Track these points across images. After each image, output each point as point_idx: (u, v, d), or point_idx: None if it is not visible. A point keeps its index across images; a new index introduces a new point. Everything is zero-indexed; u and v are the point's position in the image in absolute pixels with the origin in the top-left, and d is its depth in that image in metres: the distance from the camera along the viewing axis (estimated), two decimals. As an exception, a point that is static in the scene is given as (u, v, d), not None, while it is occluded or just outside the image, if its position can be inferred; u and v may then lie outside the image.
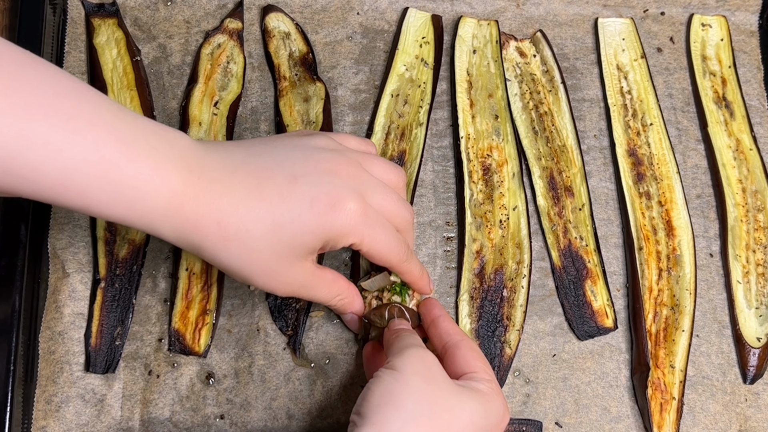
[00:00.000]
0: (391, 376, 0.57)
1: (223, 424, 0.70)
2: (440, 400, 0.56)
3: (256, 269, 0.59)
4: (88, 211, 0.53)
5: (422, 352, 0.59)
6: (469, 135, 0.79)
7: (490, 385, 0.59)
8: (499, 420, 0.58)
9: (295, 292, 0.63)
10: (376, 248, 0.63)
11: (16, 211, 0.72)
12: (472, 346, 0.63)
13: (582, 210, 0.77)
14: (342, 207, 0.59)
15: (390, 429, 0.53)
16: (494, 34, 0.83)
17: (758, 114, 0.83)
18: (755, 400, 0.74)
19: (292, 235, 0.58)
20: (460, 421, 0.55)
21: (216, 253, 0.57)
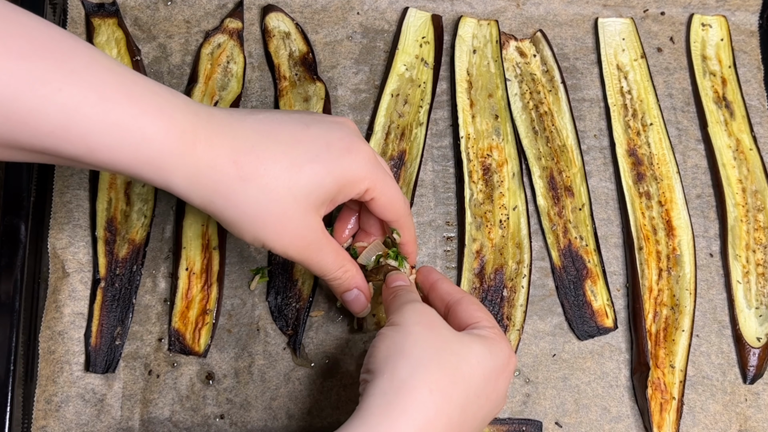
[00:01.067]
0: (394, 330, 0.57)
1: (223, 423, 0.70)
2: (445, 345, 0.56)
3: (272, 217, 0.57)
4: (92, 158, 0.50)
5: (420, 306, 0.59)
6: (469, 135, 0.79)
7: (492, 331, 0.60)
8: (505, 361, 0.58)
9: (304, 251, 0.60)
10: (388, 194, 0.63)
11: (16, 211, 0.72)
12: (472, 300, 0.63)
13: (582, 210, 0.77)
14: (357, 150, 0.60)
15: (400, 376, 0.53)
16: (494, 34, 0.83)
17: (758, 114, 0.83)
18: (755, 400, 0.74)
19: (311, 177, 0.57)
20: (468, 363, 0.56)
21: (232, 196, 0.55)
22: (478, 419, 0.57)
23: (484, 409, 0.57)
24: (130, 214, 0.75)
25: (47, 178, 0.75)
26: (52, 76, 0.47)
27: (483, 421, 0.58)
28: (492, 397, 0.57)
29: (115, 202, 0.75)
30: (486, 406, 0.57)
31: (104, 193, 0.75)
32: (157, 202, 0.76)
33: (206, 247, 0.74)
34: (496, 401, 0.58)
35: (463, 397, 0.54)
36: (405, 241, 0.68)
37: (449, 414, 0.53)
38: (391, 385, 0.53)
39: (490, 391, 0.57)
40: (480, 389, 0.56)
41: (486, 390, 0.56)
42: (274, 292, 0.74)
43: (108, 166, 0.52)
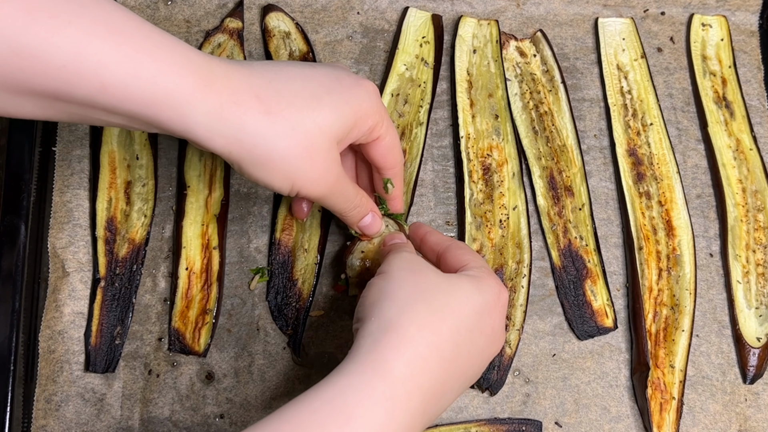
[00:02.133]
0: (380, 278, 0.57)
1: (222, 423, 0.70)
2: (431, 286, 0.56)
3: (303, 151, 0.56)
4: (105, 98, 0.48)
5: (406, 254, 0.60)
6: (469, 135, 0.79)
7: (480, 270, 0.60)
8: (495, 297, 0.59)
9: (333, 186, 0.60)
10: (392, 135, 0.64)
11: (16, 211, 0.72)
12: (460, 245, 0.64)
13: (582, 210, 0.77)
14: (365, 84, 0.61)
15: (387, 317, 0.53)
16: (494, 33, 0.83)
17: (758, 114, 0.83)
18: (755, 400, 0.74)
19: (331, 108, 0.57)
20: (456, 300, 0.56)
21: (261, 132, 0.53)
22: (474, 354, 0.57)
23: (478, 343, 0.57)
24: (130, 213, 0.75)
25: (47, 178, 0.75)
26: (59, 10, 0.46)
27: (480, 356, 0.58)
28: (486, 331, 0.57)
29: (115, 201, 0.75)
30: (480, 340, 0.57)
31: (104, 193, 0.75)
32: (157, 201, 0.76)
33: (206, 246, 0.74)
34: (491, 336, 0.58)
35: (454, 332, 0.54)
36: (396, 195, 0.69)
37: (440, 348, 0.53)
38: (379, 326, 0.53)
39: (484, 325, 0.57)
40: (472, 324, 0.56)
41: (479, 324, 0.57)
42: (274, 292, 0.74)
43: (122, 106, 0.49)
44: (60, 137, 0.77)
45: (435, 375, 0.53)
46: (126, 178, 0.76)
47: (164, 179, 0.77)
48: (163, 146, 0.78)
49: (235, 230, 0.76)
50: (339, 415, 0.47)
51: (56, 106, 0.50)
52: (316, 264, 0.74)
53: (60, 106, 0.50)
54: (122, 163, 0.76)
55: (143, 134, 0.77)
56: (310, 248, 0.75)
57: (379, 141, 0.63)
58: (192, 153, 0.77)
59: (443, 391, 0.54)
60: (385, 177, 0.68)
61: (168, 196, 0.77)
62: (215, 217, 0.75)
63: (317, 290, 0.74)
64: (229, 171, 0.77)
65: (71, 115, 0.52)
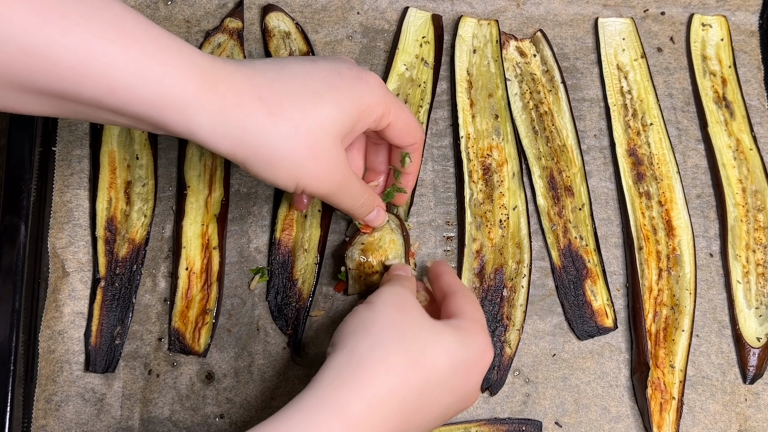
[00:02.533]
0: (365, 308, 0.57)
1: (222, 423, 0.70)
2: (412, 328, 0.55)
3: (306, 151, 0.56)
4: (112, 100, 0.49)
5: (399, 288, 0.59)
6: (469, 135, 0.79)
7: (472, 324, 0.59)
8: (478, 355, 0.57)
9: (340, 184, 0.60)
10: (404, 117, 0.63)
11: (16, 210, 0.72)
12: (466, 293, 0.63)
13: (582, 210, 0.77)
14: (367, 76, 0.61)
15: (359, 351, 0.53)
16: (494, 33, 0.83)
17: (758, 114, 0.83)
18: (755, 400, 0.74)
19: (333, 105, 0.57)
20: (434, 350, 0.55)
21: (264, 134, 0.54)
22: (437, 410, 0.56)
23: (446, 400, 0.56)
24: (130, 213, 0.75)
25: (47, 178, 0.75)
26: (69, 11, 0.46)
27: (444, 413, 0.57)
28: (459, 390, 0.56)
29: (115, 201, 0.75)
30: (449, 397, 0.56)
31: (104, 193, 0.75)
32: (157, 201, 0.76)
33: (206, 246, 0.74)
34: (463, 395, 0.57)
35: (423, 384, 0.53)
36: (412, 170, 0.70)
37: (403, 397, 0.52)
38: (349, 360, 0.52)
39: (458, 383, 0.56)
40: (444, 379, 0.55)
41: (451, 381, 0.55)
42: (274, 292, 0.74)
43: (129, 108, 0.50)
44: (60, 137, 0.77)
45: (393, 422, 0.52)
46: (126, 178, 0.76)
47: (164, 179, 0.77)
48: (163, 146, 0.78)
49: (235, 230, 0.76)
50: None
51: (63, 105, 0.50)
52: (316, 264, 0.74)
53: (67, 105, 0.50)
54: (122, 163, 0.76)
55: (143, 134, 0.77)
56: (310, 248, 0.75)
57: (391, 127, 0.63)
58: (192, 153, 0.77)
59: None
60: (404, 152, 0.68)
61: (168, 196, 0.77)
62: (215, 217, 0.75)
63: (317, 290, 0.74)
64: (229, 171, 0.77)
65: (77, 113, 0.52)
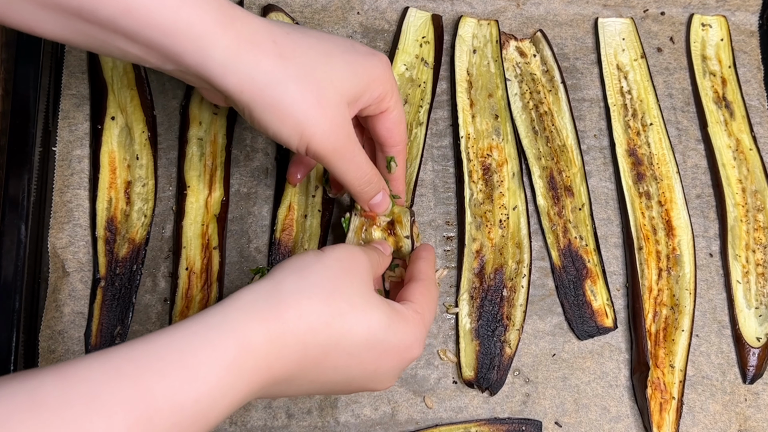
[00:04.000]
0: (314, 253, 0.55)
1: (222, 423, 0.70)
2: (346, 289, 0.53)
3: (313, 99, 0.56)
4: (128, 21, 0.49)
5: (358, 252, 0.57)
6: (469, 135, 0.79)
7: (413, 314, 0.57)
8: (402, 345, 0.55)
9: (344, 146, 0.59)
10: (400, 109, 0.64)
11: (16, 210, 0.72)
12: (428, 285, 0.61)
13: (582, 210, 0.78)
14: (379, 55, 0.62)
15: (284, 287, 0.50)
16: (494, 33, 0.83)
17: (758, 114, 0.83)
18: (755, 399, 0.74)
19: (345, 66, 0.58)
20: (356, 318, 0.52)
21: (274, 73, 0.54)
22: (337, 376, 0.53)
23: (351, 371, 0.53)
24: (130, 213, 0.75)
25: (47, 178, 0.75)
26: None
27: (345, 382, 0.54)
28: (368, 368, 0.54)
29: (115, 201, 0.75)
30: (354, 370, 0.53)
31: (104, 193, 0.75)
32: (157, 201, 0.76)
33: (206, 246, 0.74)
34: (371, 375, 0.55)
35: (331, 343, 0.51)
36: (398, 175, 0.69)
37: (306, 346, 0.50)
38: (270, 291, 0.50)
39: (367, 360, 0.53)
40: (355, 350, 0.52)
41: (362, 355, 0.53)
42: (274, 292, 0.74)
43: (142, 33, 0.50)
44: (60, 137, 0.77)
45: (288, 366, 0.50)
46: (126, 178, 0.76)
47: (164, 179, 0.77)
48: (163, 146, 0.78)
49: (235, 230, 0.76)
50: (181, 369, 0.44)
51: (77, 27, 0.50)
52: (316, 264, 0.74)
53: (81, 27, 0.50)
54: (122, 163, 0.76)
55: (143, 134, 0.77)
56: (310, 248, 0.75)
57: (387, 113, 0.64)
58: (192, 153, 0.77)
59: (290, 381, 0.51)
60: (389, 155, 0.68)
61: (168, 196, 0.77)
62: (215, 217, 0.75)
63: (317, 290, 0.74)
64: (229, 171, 0.77)
65: (89, 39, 0.52)
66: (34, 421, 0.39)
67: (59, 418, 0.39)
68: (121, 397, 0.41)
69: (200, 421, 0.44)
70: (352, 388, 0.56)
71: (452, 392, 0.72)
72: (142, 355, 0.44)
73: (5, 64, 0.80)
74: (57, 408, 0.40)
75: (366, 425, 0.71)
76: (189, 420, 0.44)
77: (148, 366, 0.43)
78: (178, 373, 0.44)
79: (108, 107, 0.77)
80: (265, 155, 0.79)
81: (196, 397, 0.44)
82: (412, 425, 0.71)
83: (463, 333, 0.73)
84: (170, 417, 0.43)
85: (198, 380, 0.44)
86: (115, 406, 0.41)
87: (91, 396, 0.41)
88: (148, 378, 0.43)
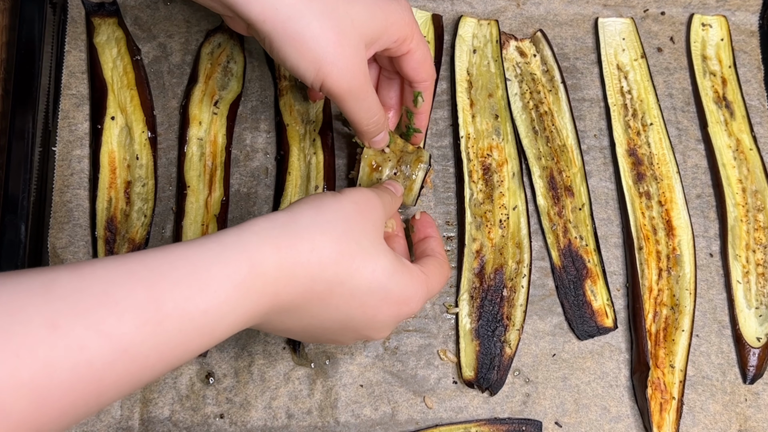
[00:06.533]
0: (332, 194, 0.56)
1: (222, 423, 0.70)
2: (358, 232, 0.53)
3: (333, 36, 0.57)
4: None
5: (373, 197, 0.58)
6: (469, 135, 0.79)
7: (419, 273, 0.57)
8: (403, 296, 0.56)
9: (361, 85, 0.61)
10: (424, 48, 0.65)
11: (16, 211, 0.71)
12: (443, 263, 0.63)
13: (582, 210, 0.77)
14: (401, 0, 0.63)
15: (300, 220, 0.51)
16: (494, 33, 0.83)
17: (758, 114, 0.83)
18: (755, 400, 0.74)
19: (365, 6, 0.59)
20: (363, 262, 0.53)
21: (297, 7, 0.56)
22: (337, 314, 0.54)
23: (351, 311, 0.54)
24: (130, 213, 0.75)
25: (47, 178, 0.75)
26: None
27: (342, 324, 0.55)
28: (367, 312, 0.55)
29: (115, 201, 0.75)
30: (354, 311, 0.54)
31: (104, 193, 0.75)
32: (156, 201, 0.76)
33: (206, 246, 0.74)
34: (368, 321, 0.55)
35: (336, 281, 0.52)
36: (424, 109, 0.71)
37: (314, 279, 0.51)
38: (286, 221, 0.51)
39: (368, 305, 0.54)
40: (358, 291, 0.53)
41: (364, 298, 0.54)
42: (274, 292, 0.74)
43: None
44: (60, 137, 0.77)
45: (294, 295, 0.50)
46: (126, 178, 0.76)
47: (164, 179, 0.77)
48: (163, 146, 0.78)
49: (235, 230, 0.76)
50: (194, 281, 0.45)
51: None
52: (316, 264, 0.74)
53: None
54: (122, 163, 0.76)
55: (143, 134, 0.77)
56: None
57: (411, 54, 0.65)
58: (192, 153, 0.77)
59: (292, 312, 0.52)
60: (416, 90, 0.69)
61: (168, 196, 0.77)
62: (215, 217, 0.75)
63: (317, 290, 0.74)
64: (229, 171, 0.77)
65: None
66: (48, 309, 0.40)
67: (72, 310, 0.40)
68: (133, 298, 0.42)
69: (205, 333, 0.45)
70: (349, 333, 0.57)
71: (452, 392, 0.72)
72: (158, 263, 0.45)
73: (5, 64, 0.80)
74: (70, 300, 0.41)
75: (366, 425, 0.71)
76: (195, 330, 0.45)
77: (162, 273, 0.44)
78: (190, 283, 0.45)
79: (108, 107, 0.77)
80: (265, 155, 0.79)
81: (204, 308, 0.45)
82: (412, 425, 0.71)
83: (463, 333, 0.73)
84: (178, 323, 0.44)
85: (208, 293, 0.45)
86: (127, 305, 0.42)
87: (105, 294, 0.42)
88: (161, 284, 0.44)
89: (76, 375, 0.39)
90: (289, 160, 0.77)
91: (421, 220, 0.71)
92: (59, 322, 0.39)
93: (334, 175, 0.77)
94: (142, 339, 0.42)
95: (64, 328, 0.39)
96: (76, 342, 0.39)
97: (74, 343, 0.39)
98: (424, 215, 0.71)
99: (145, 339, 0.42)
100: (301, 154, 0.77)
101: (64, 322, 0.40)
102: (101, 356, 0.40)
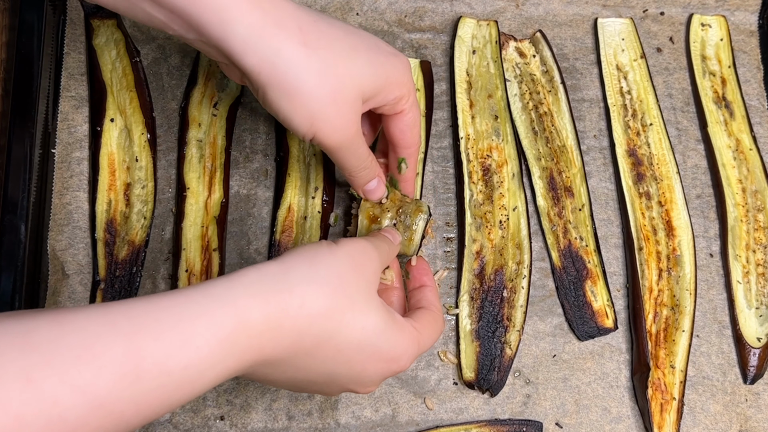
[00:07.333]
0: (328, 244, 0.55)
1: (223, 425, 0.70)
2: (352, 288, 0.52)
3: (329, 93, 0.56)
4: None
5: (371, 249, 0.57)
6: (469, 135, 0.79)
7: (411, 329, 0.56)
8: (392, 353, 0.54)
9: (352, 139, 0.60)
10: (416, 112, 0.64)
11: (16, 211, 0.71)
12: (437, 317, 0.61)
13: (582, 210, 0.77)
14: (401, 57, 0.62)
15: (293, 273, 0.50)
16: (494, 34, 0.82)
17: (758, 114, 0.83)
18: (755, 400, 0.74)
19: (366, 63, 0.58)
20: (354, 318, 0.52)
21: (295, 61, 0.54)
22: (323, 369, 0.53)
23: (338, 367, 0.53)
24: (129, 215, 0.75)
25: (47, 180, 0.75)
26: None
27: (328, 379, 0.54)
28: (354, 368, 0.54)
29: (115, 203, 0.75)
30: (341, 367, 0.53)
31: (104, 195, 0.75)
32: (156, 203, 0.76)
33: (206, 248, 0.74)
34: (355, 376, 0.54)
35: (325, 337, 0.51)
36: (408, 177, 0.70)
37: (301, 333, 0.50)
38: (277, 273, 0.50)
39: (356, 361, 0.53)
40: (347, 348, 0.52)
41: (351, 354, 0.53)
42: (274, 293, 0.73)
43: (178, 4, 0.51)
44: (59, 139, 0.77)
45: (281, 348, 0.49)
46: (125, 180, 0.76)
47: (164, 181, 0.77)
48: (163, 148, 0.78)
49: (235, 232, 0.76)
50: (176, 335, 0.44)
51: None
52: (316, 265, 0.74)
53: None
54: (122, 165, 0.76)
55: (143, 136, 0.77)
56: (310, 249, 0.74)
57: (402, 115, 0.64)
58: (191, 155, 0.77)
59: (278, 365, 0.51)
60: (400, 156, 0.68)
61: (167, 197, 0.77)
62: (215, 219, 0.75)
63: (317, 291, 0.74)
64: (228, 172, 0.77)
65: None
66: (24, 362, 0.39)
67: (48, 363, 0.40)
68: (112, 353, 0.42)
69: (185, 387, 0.45)
70: (334, 386, 0.56)
71: (453, 393, 0.72)
72: (140, 314, 0.44)
73: (5, 64, 0.80)
74: (48, 353, 0.40)
75: (366, 427, 0.71)
76: (174, 385, 0.44)
77: (143, 326, 0.44)
78: (172, 338, 0.44)
79: (107, 109, 0.77)
80: (265, 157, 0.79)
81: (185, 364, 0.44)
82: (413, 426, 0.71)
83: (464, 334, 0.73)
84: (157, 379, 0.43)
85: (190, 349, 0.44)
86: (106, 360, 0.41)
87: (84, 347, 0.41)
88: (142, 337, 0.43)
89: (48, 430, 0.39)
90: (288, 161, 0.77)
91: (417, 266, 0.68)
92: (34, 376, 0.39)
93: (333, 177, 0.77)
94: (119, 394, 0.41)
95: (38, 381, 0.39)
96: (49, 396, 0.39)
97: (48, 398, 0.39)
98: (420, 261, 0.69)
99: (121, 394, 0.42)
100: (300, 156, 0.77)
101: (39, 376, 0.39)
102: (75, 411, 0.40)
